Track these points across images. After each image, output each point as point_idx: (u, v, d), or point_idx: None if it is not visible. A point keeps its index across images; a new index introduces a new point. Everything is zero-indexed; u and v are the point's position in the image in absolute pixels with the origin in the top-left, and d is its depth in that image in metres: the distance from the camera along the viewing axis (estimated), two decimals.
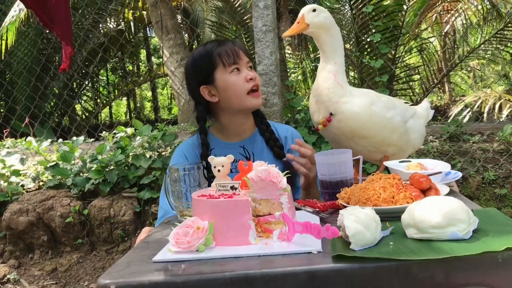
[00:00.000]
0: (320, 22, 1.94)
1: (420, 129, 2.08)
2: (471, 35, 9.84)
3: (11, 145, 5.36)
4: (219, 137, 2.11)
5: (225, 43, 2.00)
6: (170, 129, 4.48)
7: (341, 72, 1.95)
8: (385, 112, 1.91)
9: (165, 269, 1.15)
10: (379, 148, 1.96)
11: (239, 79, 1.95)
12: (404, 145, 1.99)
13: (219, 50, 1.96)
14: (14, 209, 3.91)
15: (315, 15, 1.94)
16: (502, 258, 1.02)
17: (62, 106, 9.33)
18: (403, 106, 2.05)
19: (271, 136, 2.10)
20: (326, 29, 1.95)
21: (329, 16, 1.96)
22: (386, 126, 1.91)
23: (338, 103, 1.91)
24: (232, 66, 1.95)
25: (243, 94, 1.96)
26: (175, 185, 1.60)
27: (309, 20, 1.94)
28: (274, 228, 1.31)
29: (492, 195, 3.65)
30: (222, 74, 1.96)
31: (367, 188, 1.45)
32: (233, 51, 1.96)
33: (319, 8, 1.96)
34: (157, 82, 19.37)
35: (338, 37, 1.98)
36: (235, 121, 2.07)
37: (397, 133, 1.94)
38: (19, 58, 9.05)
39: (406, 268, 1.03)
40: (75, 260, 3.89)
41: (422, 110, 2.13)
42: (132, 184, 4.00)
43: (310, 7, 1.96)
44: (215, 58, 1.96)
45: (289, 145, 2.10)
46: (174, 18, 7.84)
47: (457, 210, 1.14)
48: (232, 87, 1.95)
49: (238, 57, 1.96)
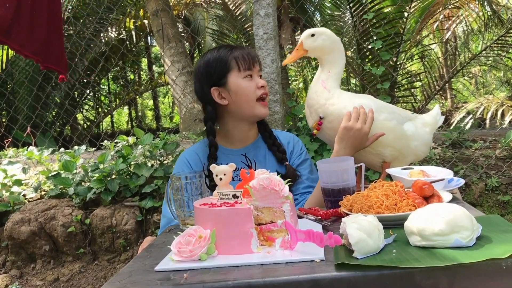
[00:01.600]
0: (318, 46, 2.01)
1: (424, 137, 2.05)
2: (472, 42, 9.86)
3: (13, 155, 5.36)
4: (222, 144, 2.12)
5: (242, 48, 2.04)
6: (172, 138, 4.47)
7: (333, 80, 2.00)
8: (376, 115, 1.92)
9: (167, 279, 1.14)
10: (376, 149, 1.96)
11: (251, 85, 1.99)
12: (403, 148, 1.98)
13: (235, 53, 2.01)
14: (16, 219, 3.90)
15: (313, 40, 2.00)
16: (506, 265, 1.02)
17: (64, 115, 9.34)
18: (400, 111, 2.06)
19: (274, 142, 2.11)
20: (326, 50, 2.02)
21: (329, 37, 2.00)
22: (378, 128, 1.92)
23: (325, 105, 1.96)
24: (247, 72, 1.99)
25: (253, 100, 2.00)
26: (177, 194, 1.60)
27: (307, 46, 2.02)
28: (276, 236, 1.30)
29: (495, 202, 3.64)
30: (235, 77, 1.99)
31: (369, 196, 1.45)
32: (249, 57, 2.00)
33: (318, 32, 2.00)
34: (158, 91, 19.40)
35: (338, 53, 2.03)
36: (241, 127, 2.09)
37: (393, 135, 1.95)
38: (21, 67, 9.07)
39: (409, 276, 1.03)
40: (77, 269, 3.88)
41: (429, 118, 2.11)
42: (134, 193, 3.99)
43: (308, 32, 2.01)
44: (231, 61, 2.00)
45: (293, 150, 2.14)
46: (175, 26, 7.86)
47: (461, 217, 1.14)
48: (244, 91, 1.99)
49: (253, 64, 2.01)
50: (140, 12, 11.67)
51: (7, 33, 2.79)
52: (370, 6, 5.65)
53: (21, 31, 2.84)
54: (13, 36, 2.81)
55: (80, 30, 8.34)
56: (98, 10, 8.43)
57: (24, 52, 2.93)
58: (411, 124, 2.03)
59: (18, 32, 2.82)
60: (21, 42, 2.86)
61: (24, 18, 2.84)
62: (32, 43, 2.92)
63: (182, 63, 7.54)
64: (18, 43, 2.86)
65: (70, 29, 8.61)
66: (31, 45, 2.93)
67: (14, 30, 2.80)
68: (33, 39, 2.91)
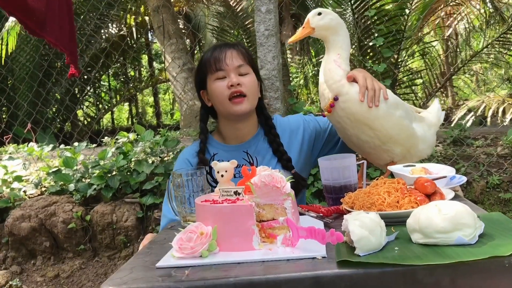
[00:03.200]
0: (325, 25, 1.92)
1: (430, 139, 2.00)
2: (473, 39, 9.84)
3: (13, 151, 5.36)
4: (220, 141, 2.13)
5: (217, 48, 2.03)
6: (172, 135, 4.47)
7: (344, 62, 1.93)
8: (392, 110, 1.86)
9: (169, 275, 1.14)
10: (386, 144, 1.87)
11: (221, 85, 1.97)
12: (412, 148, 1.93)
13: (207, 56, 2.02)
14: (17, 215, 3.90)
15: (320, 18, 1.92)
16: (509, 263, 1.02)
17: (64, 111, 9.32)
18: (412, 110, 2.01)
19: (275, 139, 2.08)
20: (332, 30, 1.93)
21: (336, 17, 1.94)
22: (393, 123, 1.85)
23: (340, 82, 1.86)
24: (216, 73, 1.98)
25: (224, 100, 1.97)
26: (178, 191, 1.59)
27: (315, 24, 1.93)
28: (278, 233, 1.30)
29: (496, 199, 3.64)
30: (210, 80, 2.01)
31: (371, 193, 1.45)
32: (217, 57, 1.98)
33: (325, 11, 1.94)
34: (159, 88, 19.37)
35: (344, 36, 1.95)
36: (231, 126, 2.09)
37: (406, 133, 1.89)
38: (21, 63, 9.05)
39: (411, 273, 1.03)
40: (78, 266, 3.88)
41: (433, 118, 2.06)
42: (134, 190, 3.99)
43: (315, 11, 1.95)
44: (205, 65, 2.01)
45: (304, 133, 2.13)
46: (176, 23, 7.85)
47: (463, 214, 1.14)
48: (215, 93, 1.99)
49: (224, 63, 1.97)
50: (141, 8, 11.66)
51: (42, 27, 2.78)
52: (371, 3, 5.63)
53: (53, 25, 2.81)
54: (48, 30, 2.79)
55: (81, 26, 8.31)
56: (99, 6, 8.41)
57: (59, 46, 2.91)
58: (420, 126, 1.97)
59: (51, 25, 2.80)
60: (55, 35, 2.85)
61: (53, 11, 2.82)
62: (62, 37, 2.91)
63: (182, 60, 7.53)
64: (53, 36, 2.84)
65: None
66: (62, 39, 2.91)
67: (48, 23, 2.78)
68: (62, 34, 2.90)
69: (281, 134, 2.12)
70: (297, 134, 2.14)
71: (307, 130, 2.14)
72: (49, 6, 2.79)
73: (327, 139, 2.17)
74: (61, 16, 2.89)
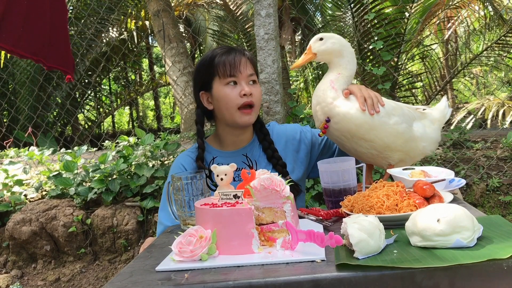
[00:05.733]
0: (327, 49, 1.95)
1: (432, 136, 2.00)
2: (473, 42, 9.84)
3: (14, 155, 5.37)
4: (217, 146, 2.12)
5: (230, 53, 1.98)
6: (173, 138, 4.48)
7: (342, 82, 1.94)
8: (386, 119, 1.88)
9: (168, 279, 1.14)
10: (383, 152, 1.91)
11: (233, 92, 1.94)
12: (411, 151, 1.95)
13: (220, 59, 1.96)
14: (17, 219, 3.91)
15: (322, 43, 1.95)
16: (507, 265, 1.02)
17: (65, 115, 9.35)
18: (410, 110, 2.01)
19: (270, 145, 2.08)
20: (336, 53, 1.95)
21: (338, 40, 1.95)
22: (388, 133, 1.88)
23: (332, 104, 1.89)
24: (229, 78, 1.94)
25: (233, 108, 1.95)
26: (178, 194, 1.60)
27: (316, 50, 1.96)
28: (277, 236, 1.30)
29: (496, 202, 3.64)
30: (218, 84, 1.96)
31: (370, 196, 1.45)
32: (232, 63, 1.94)
33: (326, 36, 1.96)
34: (159, 91, 19.40)
35: (349, 57, 1.96)
36: (230, 132, 2.07)
37: (402, 139, 1.90)
38: (22, 68, 9.08)
39: (410, 276, 1.03)
40: (78, 270, 3.88)
41: (437, 113, 2.06)
42: (135, 193, 3.99)
43: (317, 36, 1.98)
44: (214, 67, 1.96)
45: (300, 143, 2.13)
46: (176, 27, 7.86)
47: (462, 217, 1.14)
48: (224, 99, 1.95)
49: (237, 70, 1.94)
50: (141, 12, 11.68)
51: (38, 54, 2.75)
52: (371, 6, 5.64)
53: (13, 30, 2.68)
54: (3, 36, 2.66)
55: (81, 30, 8.34)
56: (99, 11, 8.42)
57: (17, 52, 2.78)
58: (420, 124, 1.98)
59: (10, 31, 2.67)
60: (13, 42, 2.70)
61: (18, 16, 2.71)
62: (30, 43, 2.79)
63: (183, 64, 7.55)
64: (9, 43, 2.69)
65: (71, 30, 8.60)
66: (29, 45, 2.78)
67: (4, 30, 2.65)
68: (31, 39, 2.79)
69: (277, 141, 2.12)
70: (293, 143, 2.14)
71: (304, 141, 2.16)
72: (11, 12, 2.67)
73: (322, 151, 2.19)
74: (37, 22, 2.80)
